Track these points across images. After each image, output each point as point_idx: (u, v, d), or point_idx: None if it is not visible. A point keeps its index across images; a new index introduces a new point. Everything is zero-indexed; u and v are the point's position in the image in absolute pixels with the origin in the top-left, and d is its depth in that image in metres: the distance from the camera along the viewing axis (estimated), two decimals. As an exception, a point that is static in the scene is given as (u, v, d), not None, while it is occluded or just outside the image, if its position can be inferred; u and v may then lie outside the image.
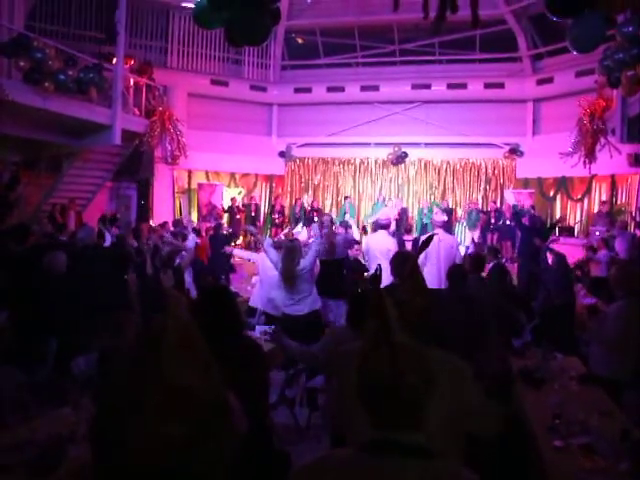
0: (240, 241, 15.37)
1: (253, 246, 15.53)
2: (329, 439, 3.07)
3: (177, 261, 6.77)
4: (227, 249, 9.32)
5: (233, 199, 15.80)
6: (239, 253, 7.50)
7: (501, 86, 15.42)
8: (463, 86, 15.65)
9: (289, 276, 5.86)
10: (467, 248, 12.23)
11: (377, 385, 1.37)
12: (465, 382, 2.15)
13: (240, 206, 15.81)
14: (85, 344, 4.05)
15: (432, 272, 6.28)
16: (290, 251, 5.92)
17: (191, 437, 1.09)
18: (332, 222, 8.04)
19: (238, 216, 15.55)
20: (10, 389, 3.54)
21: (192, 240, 7.26)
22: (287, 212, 16.55)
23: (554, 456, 3.02)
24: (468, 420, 2.10)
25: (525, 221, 11.11)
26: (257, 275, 10.47)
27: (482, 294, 5.04)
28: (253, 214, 15.91)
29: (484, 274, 6.98)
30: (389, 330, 1.41)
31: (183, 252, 7.49)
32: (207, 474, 1.10)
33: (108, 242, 9.59)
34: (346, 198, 16.21)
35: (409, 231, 14.88)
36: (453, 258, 6.66)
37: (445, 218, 7.97)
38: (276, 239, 7.78)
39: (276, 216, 15.96)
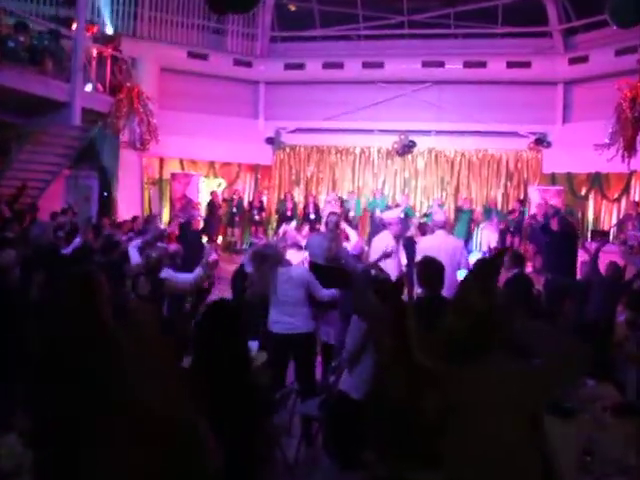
0: (220, 241, 15.32)
1: (235, 247, 15.51)
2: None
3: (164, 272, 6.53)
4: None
5: (214, 193, 15.74)
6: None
7: (527, 65, 15.43)
8: (482, 65, 15.66)
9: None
10: (484, 254, 12.22)
11: (390, 407, 1.40)
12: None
13: (221, 201, 15.73)
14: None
15: None
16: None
17: (160, 464, 1.10)
18: (338, 225, 7.89)
19: (219, 212, 15.47)
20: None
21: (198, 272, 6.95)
22: (273, 208, 16.52)
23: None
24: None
25: (553, 224, 11.05)
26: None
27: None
28: (235, 210, 15.82)
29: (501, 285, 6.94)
30: (407, 350, 1.47)
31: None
32: None
33: (76, 244, 9.45)
34: (350, 194, 16.13)
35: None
36: (457, 264, 6.69)
37: (445, 218, 7.95)
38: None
39: (255, 212, 15.91)
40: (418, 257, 6.25)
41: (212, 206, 15.47)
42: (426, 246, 7.09)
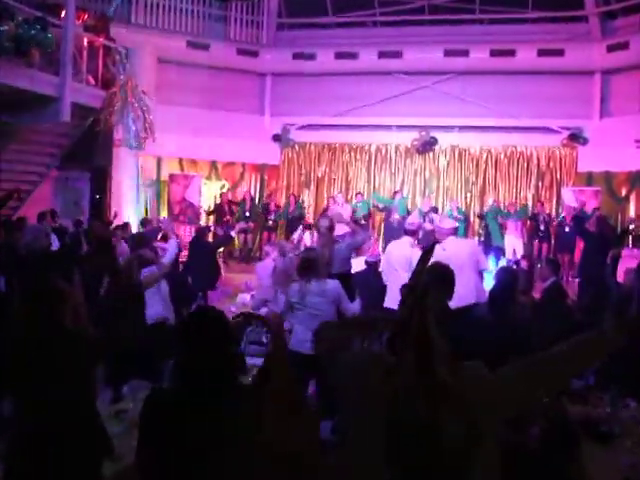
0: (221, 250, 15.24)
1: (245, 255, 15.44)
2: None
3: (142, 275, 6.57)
4: None
5: (222, 195, 15.72)
6: None
7: (560, 53, 15.38)
8: (510, 53, 15.64)
9: None
10: (509, 262, 12.17)
11: (410, 431, 1.42)
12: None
13: (228, 204, 15.63)
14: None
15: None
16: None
17: None
18: (331, 229, 7.93)
19: (228, 217, 15.38)
20: None
21: (173, 248, 6.94)
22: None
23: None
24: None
25: (590, 227, 10.99)
26: (246, 292, 10.40)
27: (536, 321, 5.00)
28: (247, 214, 15.70)
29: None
30: (430, 364, 1.48)
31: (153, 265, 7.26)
32: None
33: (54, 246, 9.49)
34: (357, 195, 16.07)
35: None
36: (474, 266, 6.92)
37: (455, 224, 8.06)
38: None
39: (271, 217, 15.83)
40: None
41: (220, 211, 15.40)
42: (437, 253, 7.12)
